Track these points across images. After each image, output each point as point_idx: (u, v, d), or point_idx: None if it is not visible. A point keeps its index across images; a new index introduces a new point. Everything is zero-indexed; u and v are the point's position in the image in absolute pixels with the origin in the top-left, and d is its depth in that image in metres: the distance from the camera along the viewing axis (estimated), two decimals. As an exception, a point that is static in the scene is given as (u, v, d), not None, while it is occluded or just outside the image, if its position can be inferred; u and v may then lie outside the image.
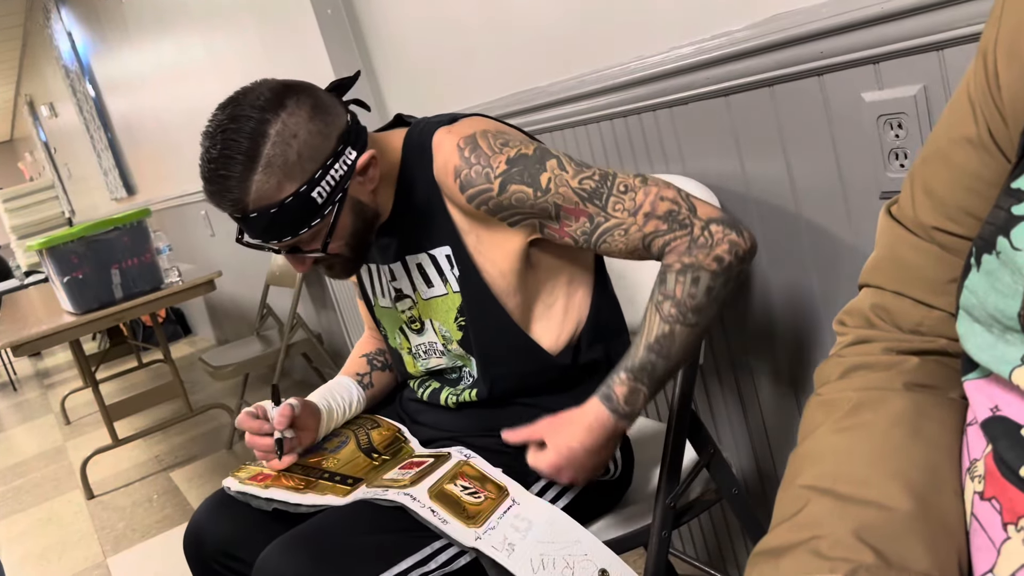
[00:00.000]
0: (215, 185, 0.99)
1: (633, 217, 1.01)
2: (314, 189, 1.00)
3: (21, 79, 10.27)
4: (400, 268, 1.17)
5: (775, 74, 1.13)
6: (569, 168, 1.03)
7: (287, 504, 1.13)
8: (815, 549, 0.53)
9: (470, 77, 1.79)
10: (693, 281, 0.99)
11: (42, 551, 2.86)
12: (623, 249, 1.03)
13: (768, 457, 1.44)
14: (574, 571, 0.99)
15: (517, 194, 1.02)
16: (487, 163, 1.03)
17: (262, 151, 0.97)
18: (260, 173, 0.97)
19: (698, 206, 1.01)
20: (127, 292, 2.88)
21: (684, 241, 1.00)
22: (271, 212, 0.99)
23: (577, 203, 1.02)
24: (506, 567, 0.98)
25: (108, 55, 5.20)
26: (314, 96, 1.02)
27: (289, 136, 0.98)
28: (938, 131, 0.62)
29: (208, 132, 1.00)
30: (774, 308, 1.30)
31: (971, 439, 0.55)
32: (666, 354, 1.01)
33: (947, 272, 0.61)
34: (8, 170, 15.38)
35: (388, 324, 1.25)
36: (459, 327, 1.13)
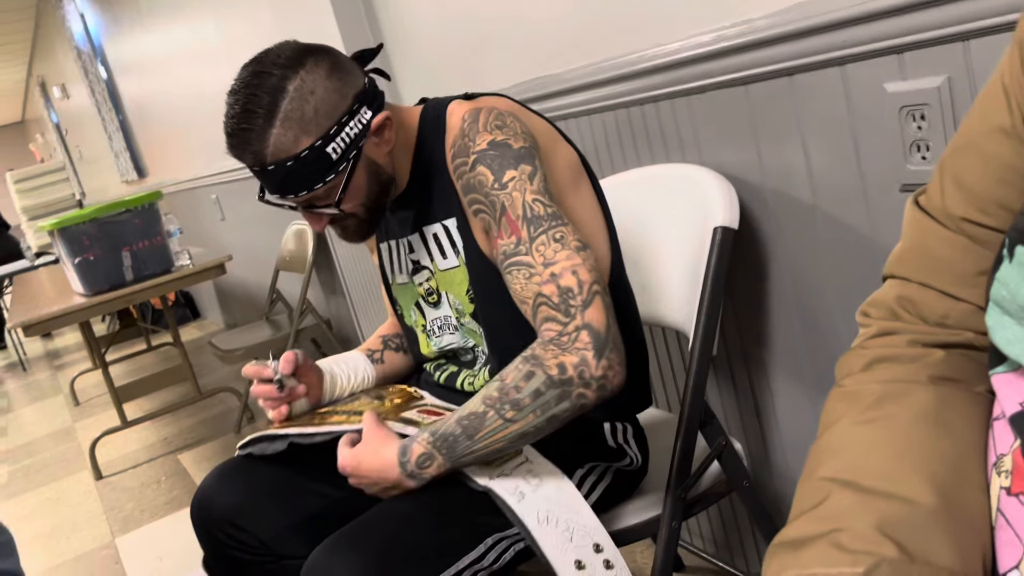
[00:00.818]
0: (237, 139, 1.03)
1: (543, 268, 0.97)
2: (329, 144, 1.03)
3: (33, 60, 10.28)
4: (418, 239, 1.18)
5: (795, 63, 1.11)
6: (535, 184, 1.01)
7: (303, 436, 1.14)
8: (836, 542, 0.52)
9: (485, 63, 1.78)
10: (527, 375, 0.95)
11: (51, 530, 2.88)
12: (517, 292, 1.00)
13: (779, 450, 1.43)
14: (572, 536, 1.00)
15: (480, 176, 1.03)
16: (473, 137, 1.04)
17: (280, 105, 1.00)
18: (278, 127, 1.00)
19: (594, 306, 0.94)
20: (138, 274, 2.89)
21: (555, 330, 0.95)
22: (287, 165, 1.02)
23: (519, 217, 0.99)
24: (515, 511, 1.00)
25: (121, 37, 5.19)
26: (333, 57, 1.05)
27: (307, 92, 1.01)
28: (970, 121, 0.61)
29: (232, 89, 1.03)
30: (788, 300, 1.29)
31: (998, 434, 0.55)
32: (471, 434, 0.98)
33: (976, 264, 0.60)
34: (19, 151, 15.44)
35: (404, 301, 1.26)
36: (471, 299, 1.14)
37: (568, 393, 0.94)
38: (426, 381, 1.29)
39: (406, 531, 1.01)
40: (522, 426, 0.97)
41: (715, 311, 1.22)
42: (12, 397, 5.35)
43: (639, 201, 1.39)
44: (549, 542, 0.99)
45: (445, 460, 1.00)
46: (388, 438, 1.06)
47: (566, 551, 0.99)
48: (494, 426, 0.97)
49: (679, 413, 1.22)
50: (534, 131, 1.07)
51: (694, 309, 1.23)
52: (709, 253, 1.22)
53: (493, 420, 0.97)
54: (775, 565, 0.55)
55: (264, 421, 3.35)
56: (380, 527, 1.01)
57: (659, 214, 1.35)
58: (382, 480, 1.05)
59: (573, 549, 0.99)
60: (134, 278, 2.88)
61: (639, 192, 1.40)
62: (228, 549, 1.18)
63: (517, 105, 1.10)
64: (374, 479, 1.05)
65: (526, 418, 0.96)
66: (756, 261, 1.32)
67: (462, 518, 1.03)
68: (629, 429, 1.17)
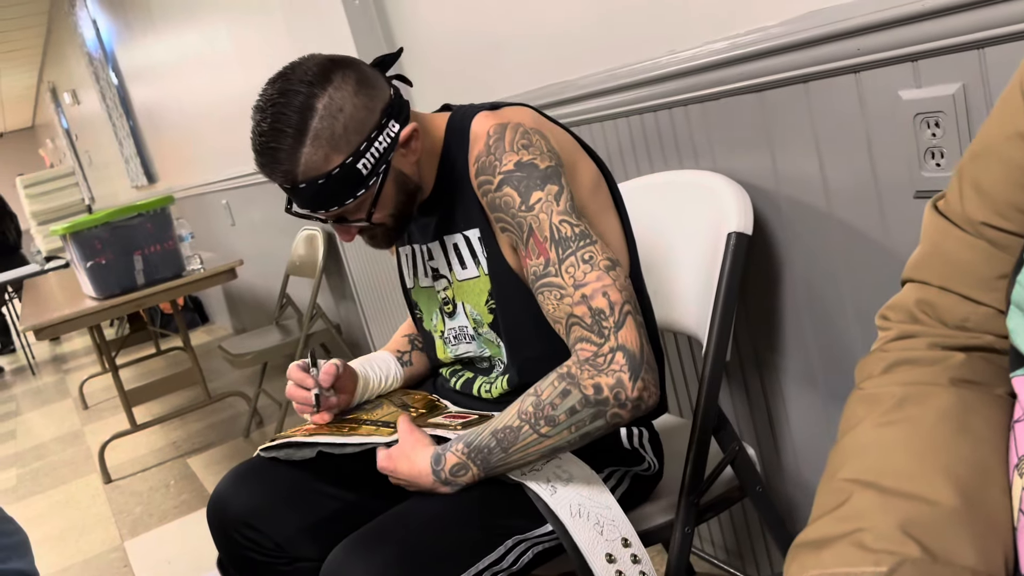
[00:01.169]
0: (266, 157, 1.03)
1: (573, 289, 0.98)
2: (360, 160, 1.03)
3: (44, 66, 10.35)
4: (438, 247, 1.18)
5: (810, 70, 1.12)
6: (561, 204, 1.01)
7: (332, 446, 1.15)
8: (859, 541, 0.53)
9: (499, 69, 1.79)
10: (563, 393, 0.97)
11: (60, 533, 2.89)
12: (550, 312, 1.02)
13: (792, 456, 1.43)
14: (603, 530, 1.03)
15: (506, 197, 1.03)
16: (499, 157, 1.04)
17: (310, 124, 1.00)
18: (308, 146, 1.01)
19: (627, 327, 0.96)
20: (149, 278, 2.90)
21: (590, 350, 0.96)
22: (319, 183, 1.02)
23: (547, 238, 1.00)
24: (548, 504, 1.02)
25: (132, 43, 5.23)
26: (359, 71, 1.05)
27: (336, 110, 1.01)
28: (988, 127, 0.61)
29: (259, 106, 1.03)
30: (802, 306, 1.29)
31: (1019, 435, 0.55)
32: (505, 447, 1.00)
33: (995, 268, 0.61)
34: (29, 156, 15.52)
35: (425, 304, 1.27)
36: (490, 310, 1.14)
37: (603, 412, 0.97)
38: (442, 386, 1.30)
39: (426, 532, 1.02)
40: (556, 441, 1.00)
41: (729, 317, 1.23)
42: (21, 401, 5.36)
43: (653, 207, 1.40)
44: (582, 535, 1.02)
45: (479, 470, 1.03)
46: (420, 444, 1.08)
47: (597, 544, 1.02)
48: (529, 440, 1.00)
49: (692, 418, 1.23)
50: (559, 149, 1.07)
51: (708, 315, 1.24)
52: (723, 259, 1.22)
53: (528, 434, 0.99)
54: (796, 565, 0.55)
55: (275, 426, 3.36)
56: (400, 527, 1.02)
57: (673, 220, 1.36)
58: (415, 484, 1.07)
59: (604, 543, 1.02)
60: (145, 282, 2.90)
61: (653, 198, 1.40)
62: (243, 550, 1.19)
63: (541, 118, 1.10)
64: (408, 482, 1.08)
65: (560, 434, 0.99)
66: (770, 267, 1.32)
67: (482, 520, 1.04)
68: (645, 434, 1.18)
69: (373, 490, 1.20)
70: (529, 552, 1.06)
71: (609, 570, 1.02)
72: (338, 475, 1.23)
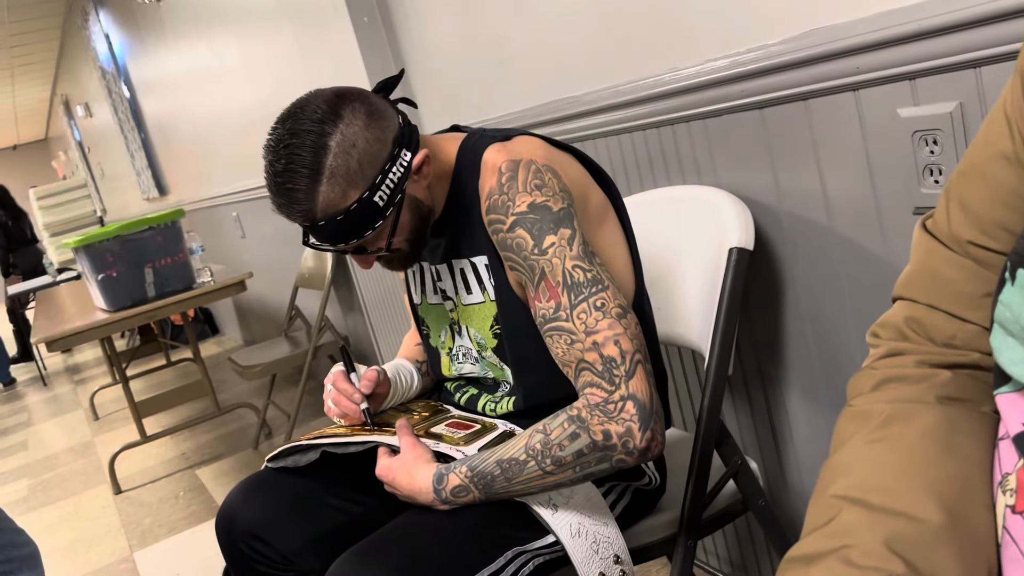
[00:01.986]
0: (283, 198, 1.03)
1: (585, 336, 0.99)
2: (376, 193, 1.04)
3: (57, 79, 10.45)
4: (446, 270, 1.20)
5: (810, 88, 1.13)
6: (574, 248, 1.02)
7: (336, 446, 1.17)
8: (846, 558, 0.54)
9: (505, 85, 1.81)
10: (572, 436, 0.98)
11: (70, 544, 2.91)
12: (559, 356, 1.02)
13: (795, 469, 1.44)
14: (598, 548, 1.05)
15: (518, 239, 1.03)
16: (512, 197, 1.04)
17: (325, 163, 1.00)
18: (325, 184, 1.01)
19: (638, 376, 0.97)
20: (160, 291, 2.93)
21: (600, 396, 0.97)
22: (338, 219, 1.03)
23: (559, 283, 1.01)
24: (549, 524, 1.04)
25: (144, 57, 5.28)
26: (367, 103, 1.05)
27: (349, 146, 1.01)
28: (974, 147, 0.63)
29: (270, 146, 1.03)
30: (804, 320, 1.30)
31: (1003, 453, 0.56)
32: (509, 477, 1.02)
33: (981, 286, 0.62)
34: (42, 168, 15.65)
35: (434, 321, 1.28)
36: (494, 335, 1.16)
37: (609, 457, 0.98)
38: (446, 401, 1.31)
39: (426, 544, 1.03)
40: (559, 479, 1.01)
41: (731, 331, 1.23)
42: (32, 411, 5.40)
43: (656, 222, 1.41)
44: (578, 555, 1.04)
45: (480, 494, 1.04)
46: (421, 460, 1.09)
47: (592, 563, 1.04)
48: (533, 475, 1.01)
49: (695, 432, 1.24)
50: (569, 182, 1.07)
51: (710, 329, 1.25)
52: (724, 274, 1.23)
53: (533, 469, 1.01)
54: (786, 579, 0.56)
55: (284, 437, 3.37)
56: (400, 540, 1.04)
57: (675, 235, 1.37)
58: (413, 498, 1.08)
59: (599, 561, 1.04)
60: (156, 294, 2.93)
61: (656, 213, 1.42)
62: (251, 563, 1.20)
63: (551, 151, 1.09)
64: (406, 495, 1.09)
65: (565, 473, 1.01)
66: (772, 282, 1.33)
67: (482, 532, 1.05)
68: (647, 449, 1.19)
69: (380, 502, 1.22)
70: (529, 564, 1.07)
71: None
72: (345, 487, 1.24)
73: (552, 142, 1.13)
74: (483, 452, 1.05)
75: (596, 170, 1.16)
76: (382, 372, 1.25)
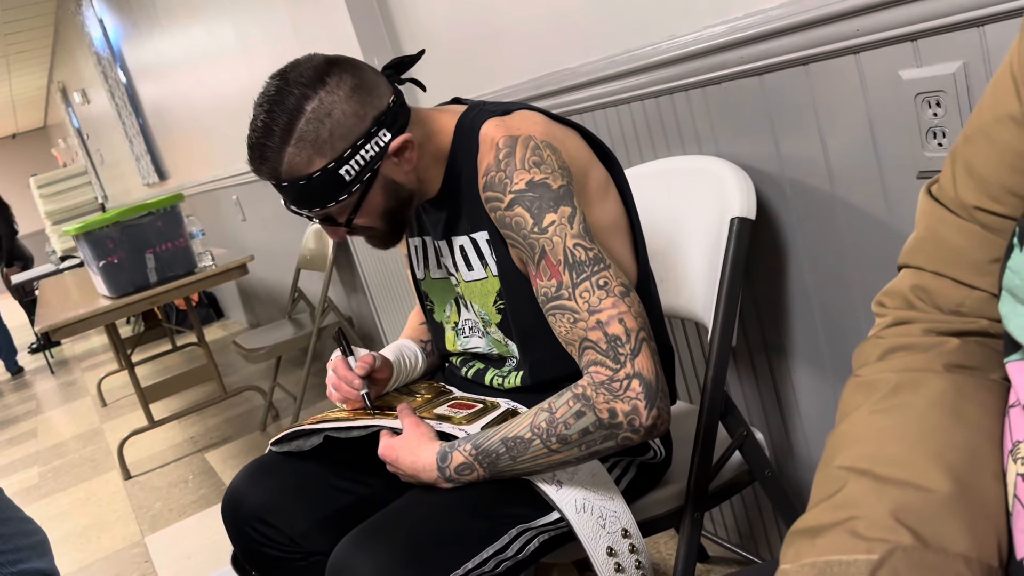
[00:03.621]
0: (254, 153, 1.04)
1: (588, 315, 0.99)
2: (343, 166, 1.03)
3: (54, 66, 10.40)
4: (446, 247, 1.18)
5: (810, 52, 1.11)
6: (575, 227, 1.01)
7: (339, 430, 1.16)
8: (852, 529, 0.53)
9: (499, 58, 1.79)
10: (577, 414, 0.98)
11: (82, 530, 2.93)
12: (562, 334, 1.02)
13: (802, 439, 1.43)
14: (605, 523, 1.05)
15: (517, 217, 1.02)
16: (510, 175, 1.02)
17: (297, 126, 1.01)
18: (292, 147, 1.02)
19: (643, 354, 0.97)
20: (161, 276, 2.92)
21: (605, 374, 0.97)
22: (299, 184, 1.04)
23: (560, 262, 1.00)
24: (553, 500, 1.04)
25: (139, 41, 5.25)
26: (357, 75, 1.04)
27: (324, 114, 1.01)
28: (980, 109, 0.61)
29: (258, 101, 1.04)
30: (808, 289, 1.29)
31: (1013, 421, 0.55)
32: (514, 455, 1.02)
33: (989, 252, 0.60)
34: (42, 156, 15.63)
35: (438, 296, 1.26)
36: (498, 310, 1.15)
37: (615, 435, 0.98)
38: (452, 375, 1.30)
39: (430, 522, 1.03)
40: (565, 457, 1.01)
41: (734, 302, 1.22)
42: (41, 400, 5.43)
43: (656, 194, 1.39)
44: (584, 531, 1.04)
45: (485, 472, 1.04)
46: (424, 438, 1.09)
47: (599, 538, 1.04)
48: (538, 453, 1.01)
49: (700, 404, 1.23)
50: (568, 159, 1.05)
51: (713, 300, 1.24)
52: (727, 244, 1.22)
53: (538, 448, 1.01)
54: (792, 552, 0.56)
55: (291, 419, 3.38)
56: (405, 519, 1.03)
57: (676, 206, 1.36)
58: (416, 477, 1.08)
59: (606, 536, 1.04)
60: (158, 280, 2.92)
61: (656, 185, 1.40)
62: (259, 546, 1.20)
63: (550, 125, 1.08)
64: (409, 474, 1.09)
65: (570, 451, 1.00)
66: (775, 251, 1.32)
67: (487, 509, 1.05)
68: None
69: (385, 483, 1.21)
70: (535, 540, 1.07)
71: (609, 563, 1.04)
72: (350, 468, 1.24)
73: (553, 117, 1.11)
74: (487, 430, 1.04)
75: (598, 145, 1.14)
76: (379, 357, 1.24)
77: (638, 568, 1.06)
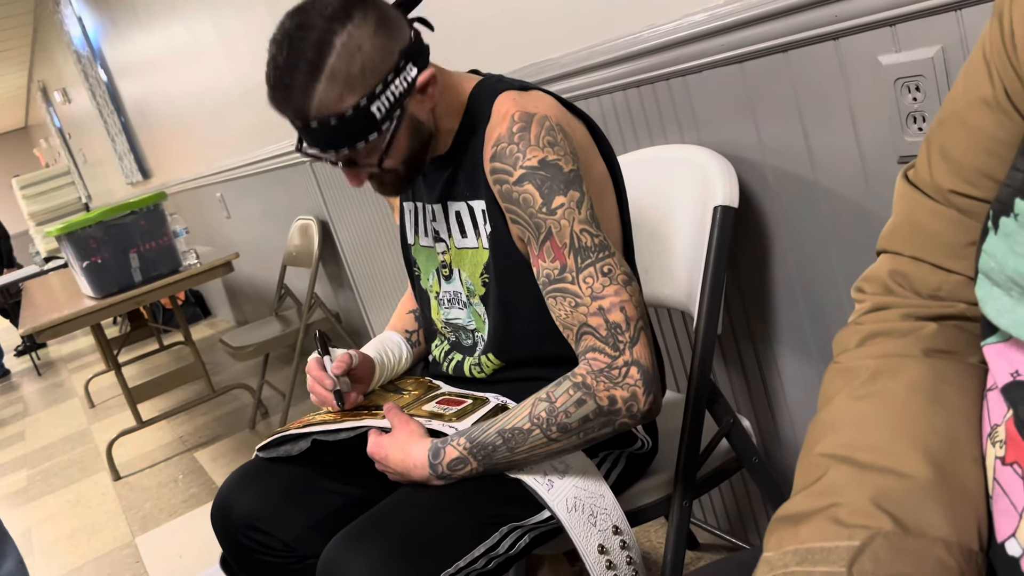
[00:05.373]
0: (279, 92, 1.00)
1: (591, 300, 0.99)
2: (374, 103, 1.00)
3: (33, 65, 10.30)
4: (440, 210, 1.17)
5: (790, 39, 1.11)
6: (583, 212, 1.00)
7: (326, 433, 1.15)
8: (834, 516, 0.53)
9: (479, 50, 1.78)
10: (578, 402, 0.98)
11: (72, 532, 2.91)
12: (561, 317, 1.02)
13: (788, 425, 1.44)
14: (596, 520, 1.05)
15: (525, 194, 1.01)
16: (523, 149, 1.01)
17: (327, 61, 0.97)
18: (323, 83, 0.97)
19: (641, 343, 0.98)
20: (146, 276, 2.91)
21: (604, 361, 0.98)
22: (331, 123, 0.99)
23: (565, 245, 1.00)
24: (545, 500, 1.04)
25: (118, 39, 5.20)
26: (380, 10, 1.01)
27: (354, 48, 0.97)
28: (954, 93, 0.61)
29: (275, 39, 1.00)
30: (792, 275, 1.29)
31: (991, 404, 0.55)
32: (512, 447, 1.01)
33: (965, 236, 0.60)
34: (24, 157, 15.49)
35: (424, 263, 1.25)
36: (483, 283, 1.14)
37: (613, 421, 0.99)
38: (435, 373, 1.29)
39: (422, 521, 1.02)
40: (563, 445, 1.01)
41: (718, 290, 1.23)
42: (28, 402, 5.39)
43: (640, 183, 1.39)
44: (576, 530, 1.04)
45: (479, 465, 1.03)
46: (414, 435, 1.08)
47: (590, 536, 1.04)
48: (537, 443, 1.01)
49: (686, 392, 1.23)
50: (578, 146, 1.05)
51: (697, 289, 1.24)
52: (710, 233, 1.22)
53: (538, 438, 1.01)
54: (775, 540, 0.56)
55: (280, 417, 3.37)
56: (395, 518, 1.03)
57: (659, 196, 1.36)
58: (407, 475, 1.07)
59: (597, 533, 1.04)
60: (143, 279, 2.91)
61: (638, 174, 1.40)
62: (252, 553, 1.19)
63: (564, 112, 1.06)
64: (399, 472, 1.08)
65: (569, 439, 1.01)
66: (758, 239, 1.32)
67: (477, 508, 1.05)
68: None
69: (377, 484, 1.20)
70: (525, 537, 1.07)
71: (600, 561, 1.04)
72: (340, 470, 1.23)
73: (565, 104, 1.10)
74: (481, 424, 1.04)
75: (601, 140, 1.13)
76: (356, 356, 1.22)
77: (629, 564, 1.06)
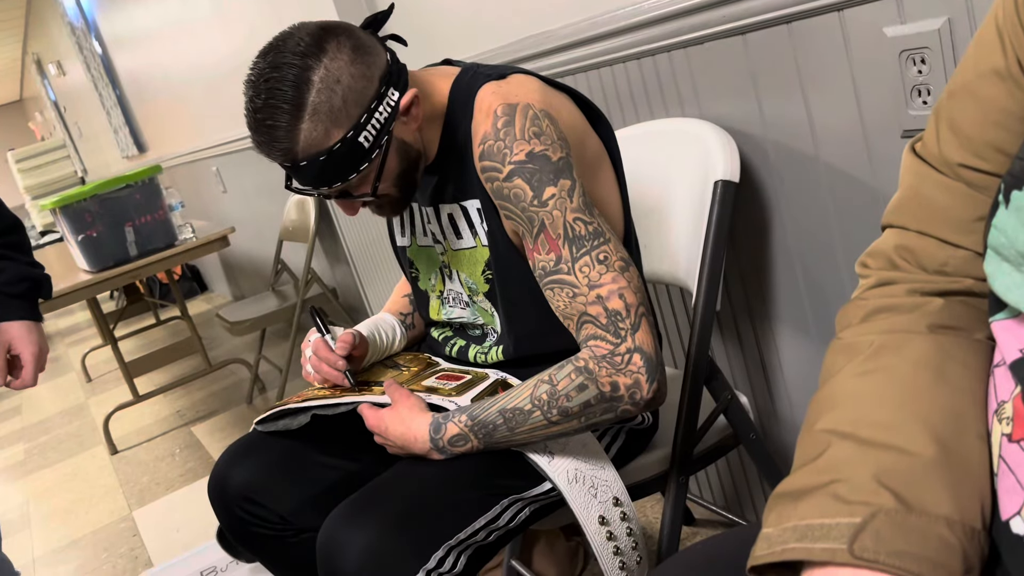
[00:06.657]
0: (263, 135, 0.98)
1: (588, 289, 0.98)
2: (361, 133, 0.98)
3: (28, 38, 10.21)
4: (433, 213, 1.16)
5: (793, 10, 1.09)
6: (575, 200, 0.99)
7: (325, 407, 1.15)
8: (835, 493, 0.53)
9: (480, 21, 1.76)
10: (580, 387, 0.97)
11: (69, 506, 2.92)
12: (560, 309, 1.01)
13: (786, 402, 1.43)
14: (596, 492, 1.05)
15: (516, 189, 1.00)
16: (510, 145, 0.99)
17: (307, 99, 0.95)
18: (307, 121, 0.96)
19: (643, 329, 0.97)
20: (142, 249, 2.89)
21: (606, 348, 0.97)
22: (320, 159, 0.98)
23: (559, 236, 0.98)
24: (546, 472, 1.04)
25: (113, 11, 5.14)
26: (353, 37, 0.99)
27: (333, 82, 0.96)
28: (965, 64, 0.60)
29: (251, 81, 0.97)
30: (792, 251, 1.28)
31: (998, 381, 0.54)
32: (512, 427, 1.01)
33: (973, 210, 0.59)
34: (19, 130, 15.39)
35: (424, 264, 1.24)
36: (486, 280, 1.13)
37: (615, 407, 0.98)
38: (435, 352, 1.29)
39: (421, 494, 1.02)
40: (563, 428, 1.01)
41: (718, 265, 1.22)
42: (25, 376, 5.38)
43: (639, 157, 1.38)
44: (577, 501, 1.04)
45: (479, 443, 1.03)
46: (415, 409, 1.07)
47: (591, 508, 1.04)
48: (537, 424, 1.00)
49: (684, 369, 1.22)
50: (566, 129, 1.03)
51: (697, 264, 1.23)
52: (710, 207, 1.21)
53: (538, 420, 1.00)
54: (775, 515, 0.55)
55: (277, 391, 3.37)
56: (396, 489, 1.03)
57: (659, 170, 1.34)
58: (407, 448, 1.07)
59: (597, 505, 1.05)
60: (139, 253, 2.89)
61: (638, 148, 1.38)
62: (248, 525, 1.19)
63: (548, 92, 1.05)
64: (399, 445, 1.08)
65: (569, 423, 1.00)
66: (759, 214, 1.31)
67: (477, 480, 1.04)
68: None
69: (373, 457, 1.20)
70: (526, 510, 1.07)
71: (601, 532, 1.04)
72: (337, 444, 1.23)
73: (548, 81, 1.08)
74: (483, 401, 1.03)
75: (592, 111, 1.11)
76: (357, 335, 1.21)
77: (629, 535, 1.06)
